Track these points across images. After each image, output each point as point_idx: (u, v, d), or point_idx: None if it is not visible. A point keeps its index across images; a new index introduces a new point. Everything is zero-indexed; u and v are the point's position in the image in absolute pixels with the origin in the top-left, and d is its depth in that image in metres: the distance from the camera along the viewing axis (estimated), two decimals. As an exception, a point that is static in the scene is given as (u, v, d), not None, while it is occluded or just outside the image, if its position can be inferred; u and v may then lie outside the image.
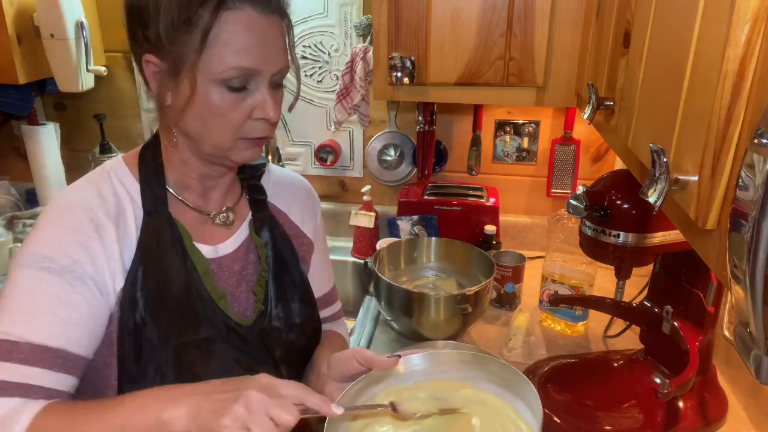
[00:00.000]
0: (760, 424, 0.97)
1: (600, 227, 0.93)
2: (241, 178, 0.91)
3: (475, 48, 1.16)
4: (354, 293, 1.63)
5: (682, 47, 0.50)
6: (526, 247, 1.61)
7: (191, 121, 0.74)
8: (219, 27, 0.69)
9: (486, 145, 1.60)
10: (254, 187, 0.91)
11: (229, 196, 0.88)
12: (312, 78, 1.62)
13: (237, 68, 0.70)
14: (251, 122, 0.75)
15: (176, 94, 0.73)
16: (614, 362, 1.09)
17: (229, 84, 0.71)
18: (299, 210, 0.96)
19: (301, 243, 0.95)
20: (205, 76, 0.70)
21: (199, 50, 0.69)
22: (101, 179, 0.79)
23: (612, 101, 0.77)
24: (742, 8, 0.38)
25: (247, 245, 0.87)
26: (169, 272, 0.77)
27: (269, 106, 0.74)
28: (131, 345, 0.74)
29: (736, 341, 0.37)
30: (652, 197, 0.49)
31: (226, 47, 0.70)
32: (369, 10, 1.47)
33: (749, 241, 0.33)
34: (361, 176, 1.70)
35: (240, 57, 0.70)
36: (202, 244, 0.82)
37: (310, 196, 0.99)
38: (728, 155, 0.41)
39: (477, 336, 1.26)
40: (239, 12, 0.70)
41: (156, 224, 0.78)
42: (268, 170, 0.95)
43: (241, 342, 0.81)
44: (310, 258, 0.97)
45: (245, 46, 0.70)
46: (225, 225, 0.86)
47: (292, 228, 0.94)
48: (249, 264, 0.87)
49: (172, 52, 0.70)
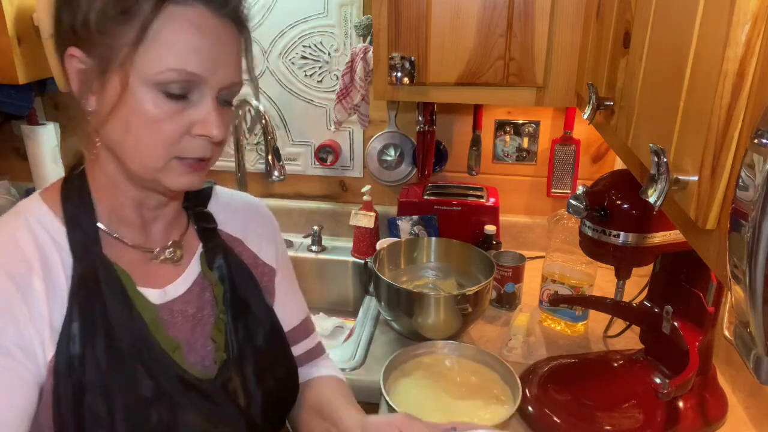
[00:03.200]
0: (760, 424, 0.97)
1: (600, 227, 0.93)
2: (185, 206, 0.79)
3: (475, 48, 1.16)
4: (354, 293, 1.63)
5: (682, 47, 0.50)
6: (526, 247, 1.61)
7: (117, 130, 0.63)
8: (162, 22, 0.59)
9: (486, 145, 1.60)
10: (201, 215, 0.80)
11: (174, 228, 0.77)
12: (312, 78, 1.62)
13: (178, 71, 0.60)
14: (189, 139, 0.64)
15: (102, 96, 0.62)
16: (614, 362, 1.09)
17: (167, 89, 0.61)
18: (256, 235, 0.85)
19: (262, 272, 0.84)
20: (139, 76, 0.60)
21: (134, 44, 0.59)
22: (16, 225, 0.65)
23: (612, 101, 0.77)
24: (742, 8, 0.38)
25: (200, 283, 0.76)
26: (111, 327, 0.65)
27: (213, 122, 0.63)
28: (71, 419, 0.62)
29: (736, 341, 0.37)
30: (652, 197, 0.49)
31: (168, 46, 0.60)
32: (369, 10, 1.47)
33: (749, 241, 0.33)
34: (361, 176, 1.70)
35: (183, 59, 0.60)
36: (147, 288, 0.70)
37: (266, 218, 0.89)
38: (728, 155, 0.41)
39: (477, 336, 1.26)
40: (188, 8, 0.60)
41: (89, 271, 0.66)
42: (215, 194, 0.84)
43: (204, 399, 0.70)
44: (274, 287, 0.86)
45: (191, 47, 0.60)
46: (172, 262, 0.75)
47: (250, 256, 0.83)
48: (205, 304, 0.76)
49: (101, 46, 0.60)
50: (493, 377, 1.06)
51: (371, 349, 1.22)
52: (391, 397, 0.97)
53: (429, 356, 1.12)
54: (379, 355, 1.18)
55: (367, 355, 1.19)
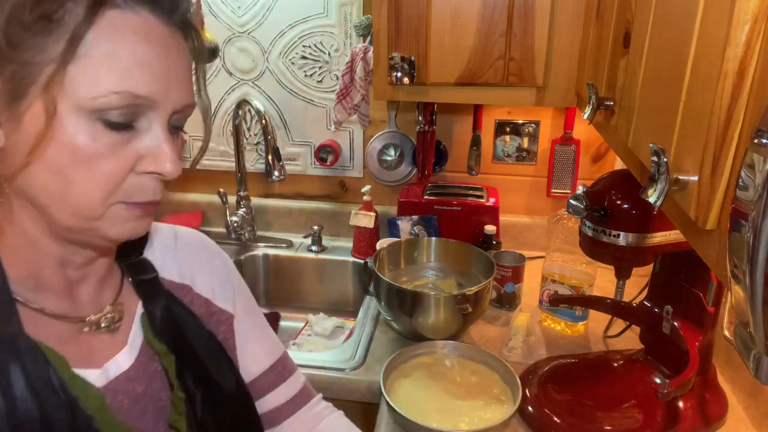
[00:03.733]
0: (760, 424, 0.97)
1: (600, 227, 0.93)
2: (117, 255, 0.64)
3: (475, 48, 1.16)
4: (354, 293, 1.63)
5: (682, 47, 0.50)
6: (526, 247, 1.61)
7: (41, 175, 0.48)
8: (98, 32, 0.46)
9: (486, 145, 1.60)
10: (137, 265, 0.65)
11: (106, 287, 0.62)
12: (312, 78, 1.62)
13: (122, 94, 0.47)
14: (135, 177, 0.51)
15: (14, 131, 0.47)
16: (614, 362, 1.09)
17: (107, 117, 0.48)
18: (205, 277, 0.71)
19: (218, 321, 0.71)
20: (68, 102, 0.46)
21: (63, 62, 0.45)
22: None
23: (612, 101, 0.77)
24: (742, 8, 0.38)
25: (146, 352, 0.62)
26: (45, 424, 0.51)
27: (166, 155, 0.51)
28: None
29: (736, 341, 0.37)
30: (652, 197, 0.49)
31: (108, 62, 0.47)
32: (369, 10, 1.47)
33: (749, 241, 0.33)
34: (361, 176, 1.70)
35: (129, 78, 0.48)
36: (84, 369, 0.56)
37: (214, 254, 0.75)
38: (728, 155, 0.41)
39: (477, 336, 1.26)
40: (132, 15, 0.48)
41: (7, 358, 0.50)
42: (151, 234, 0.69)
43: None
44: (234, 336, 0.73)
45: (138, 62, 0.48)
46: (108, 331, 0.60)
47: (201, 305, 0.70)
48: (155, 377, 0.62)
49: (13, 62, 0.46)
50: (493, 377, 1.06)
51: (371, 349, 1.22)
52: (391, 397, 0.97)
53: (429, 356, 1.12)
54: (379, 355, 1.18)
55: (367, 355, 1.19)
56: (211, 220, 1.76)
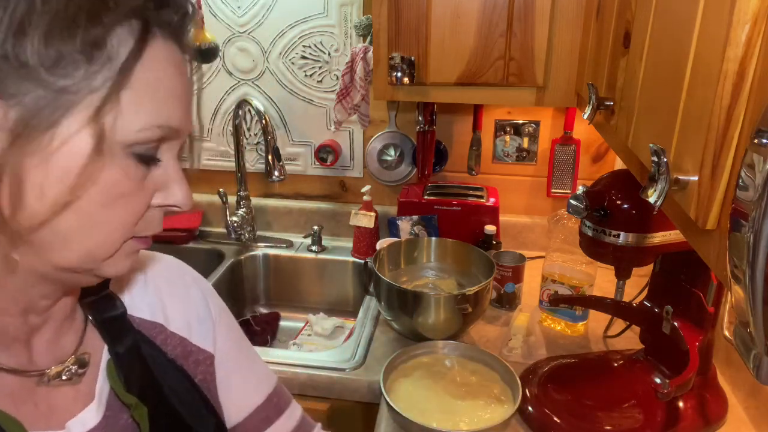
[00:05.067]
0: (760, 424, 0.97)
1: (600, 227, 0.93)
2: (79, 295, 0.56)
3: (475, 48, 1.16)
4: (354, 293, 1.63)
5: (682, 47, 0.50)
6: (526, 247, 1.61)
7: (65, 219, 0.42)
8: (142, 61, 0.43)
9: (486, 145, 1.60)
10: (101, 303, 0.57)
11: (69, 330, 0.54)
12: (312, 78, 1.62)
13: (163, 127, 0.44)
14: (149, 211, 0.47)
15: (37, 166, 0.40)
16: (614, 362, 1.09)
17: (141, 152, 0.44)
18: (180, 312, 0.63)
19: (196, 362, 0.63)
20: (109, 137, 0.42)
21: (112, 92, 0.41)
22: None
23: (612, 101, 0.77)
24: (742, 8, 0.38)
25: (114, 405, 0.54)
26: None
27: (181, 187, 0.48)
28: None
29: (736, 341, 0.37)
30: (652, 197, 0.49)
31: (150, 93, 0.43)
32: (369, 10, 1.47)
33: (749, 241, 0.33)
34: (361, 176, 1.70)
35: (166, 110, 0.45)
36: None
37: (189, 285, 0.66)
38: (728, 155, 0.41)
39: (477, 336, 1.26)
40: (168, 44, 0.45)
41: None
42: None
43: None
44: (214, 377, 0.65)
45: (172, 93, 0.45)
46: (70, 383, 0.52)
47: (177, 344, 0.61)
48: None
49: (46, 87, 0.39)
50: (493, 377, 1.06)
51: (371, 349, 1.22)
52: (391, 397, 0.97)
53: (429, 356, 1.12)
54: (379, 355, 1.18)
55: (367, 355, 1.19)
56: (211, 220, 1.76)
